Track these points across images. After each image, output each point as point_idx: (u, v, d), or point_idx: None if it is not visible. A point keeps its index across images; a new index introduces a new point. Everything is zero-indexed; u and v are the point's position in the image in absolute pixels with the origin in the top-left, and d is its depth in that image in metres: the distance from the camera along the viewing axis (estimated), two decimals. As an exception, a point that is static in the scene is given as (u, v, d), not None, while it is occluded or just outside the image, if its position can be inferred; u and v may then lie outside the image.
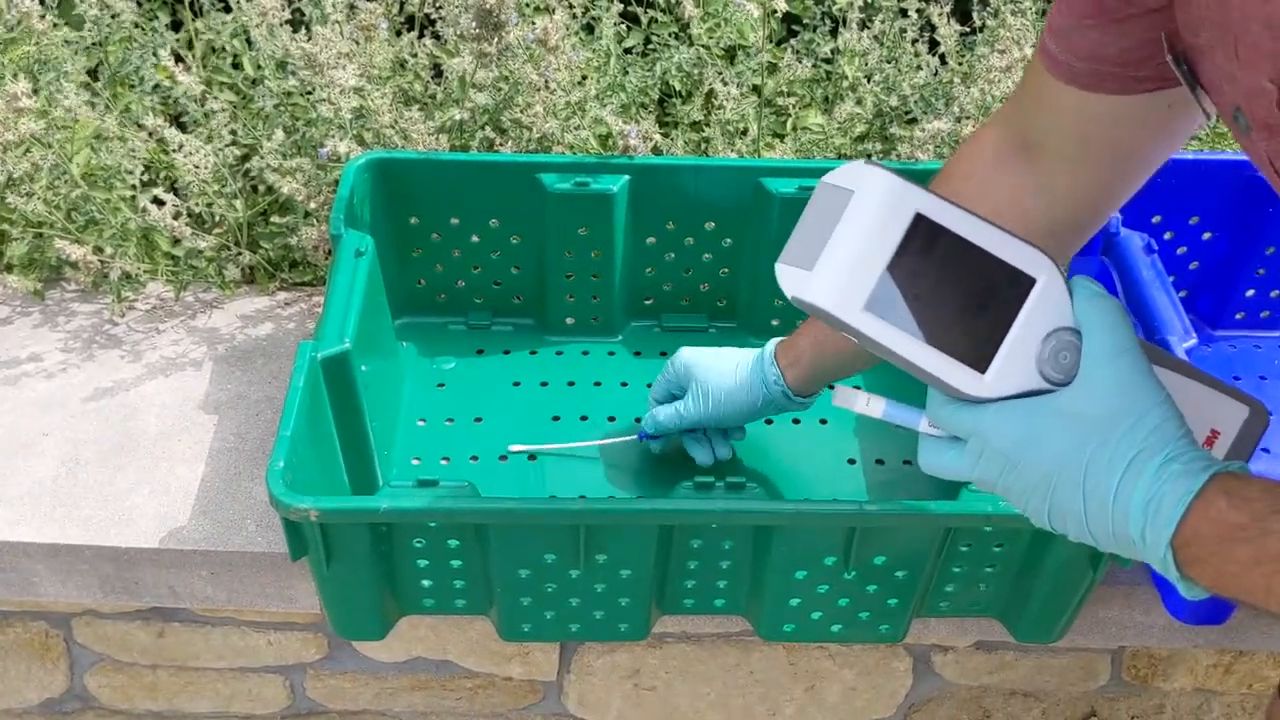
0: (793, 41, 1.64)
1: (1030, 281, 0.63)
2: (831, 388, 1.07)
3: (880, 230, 0.63)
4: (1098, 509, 0.63)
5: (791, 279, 0.64)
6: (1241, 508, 0.59)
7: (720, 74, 1.56)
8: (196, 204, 1.38)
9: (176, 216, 1.32)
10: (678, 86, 1.60)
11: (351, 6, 1.46)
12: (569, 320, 1.36)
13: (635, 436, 1.21)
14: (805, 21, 1.64)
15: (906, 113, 1.53)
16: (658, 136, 1.39)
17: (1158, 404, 0.62)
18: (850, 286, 0.63)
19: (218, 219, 1.40)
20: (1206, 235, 1.37)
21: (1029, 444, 0.63)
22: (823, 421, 1.29)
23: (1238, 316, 1.42)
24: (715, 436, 1.19)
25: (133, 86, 1.50)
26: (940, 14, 1.56)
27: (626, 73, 1.57)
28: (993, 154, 0.90)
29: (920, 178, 1.27)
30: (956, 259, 0.63)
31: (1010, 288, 0.63)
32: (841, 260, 0.63)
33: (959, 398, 0.65)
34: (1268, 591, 0.59)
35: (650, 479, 1.21)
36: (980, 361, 0.64)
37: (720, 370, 1.13)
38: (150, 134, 1.37)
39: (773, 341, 1.12)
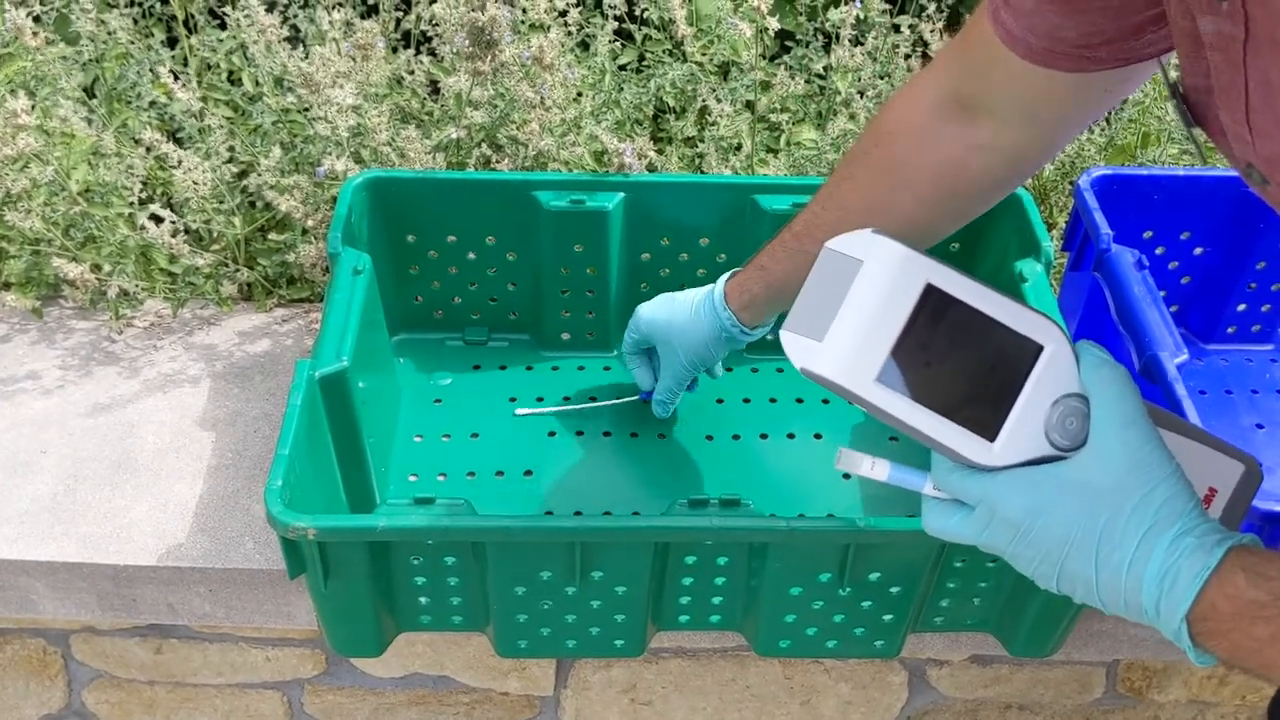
0: (786, 58, 1.65)
1: (1038, 349, 0.63)
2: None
3: (891, 301, 0.63)
4: (1110, 579, 0.63)
5: (800, 349, 0.64)
6: (1261, 586, 0.60)
7: (714, 90, 1.57)
8: (194, 221, 1.38)
9: (174, 234, 1.33)
10: (672, 103, 1.61)
11: (348, 24, 1.47)
12: (565, 336, 1.37)
13: (639, 397, 1.29)
14: (798, 38, 1.66)
15: (900, 128, 1.54)
16: (652, 153, 1.39)
17: (1168, 476, 0.63)
18: (862, 359, 0.63)
19: (215, 236, 1.41)
20: (1198, 250, 1.38)
21: (1039, 513, 0.64)
22: (817, 436, 1.29)
23: (1229, 330, 1.43)
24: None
25: (129, 103, 1.51)
26: (933, 30, 1.58)
27: (621, 89, 1.58)
28: (932, 112, 0.92)
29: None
30: (966, 328, 0.63)
31: (1018, 355, 0.63)
32: (852, 332, 0.63)
33: (968, 465, 0.65)
34: None
35: (645, 495, 1.22)
36: (989, 429, 0.64)
37: (680, 324, 1.17)
38: (148, 150, 1.37)
39: (720, 281, 1.14)
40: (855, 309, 0.63)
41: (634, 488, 1.23)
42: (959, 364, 0.64)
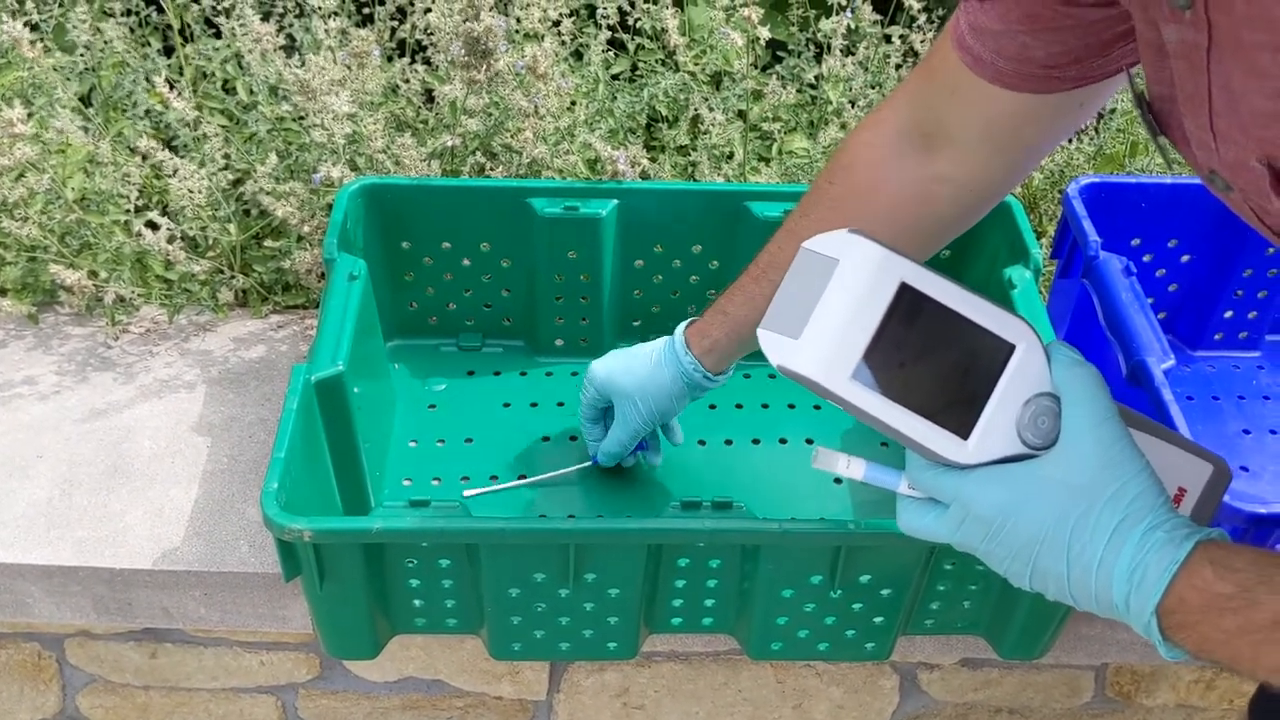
0: (778, 67, 1.66)
1: (1010, 348, 0.64)
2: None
3: (866, 300, 0.64)
4: (1081, 575, 0.64)
5: (777, 347, 0.64)
6: (1227, 578, 0.61)
7: (706, 100, 1.58)
8: (190, 228, 1.39)
9: (170, 241, 1.33)
10: (664, 112, 1.62)
11: (344, 33, 1.48)
12: (558, 342, 1.38)
13: (590, 463, 1.23)
14: (790, 48, 1.67)
15: (890, 137, 1.55)
16: (645, 161, 1.41)
17: (1138, 473, 0.64)
18: (837, 357, 0.64)
19: (211, 242, 1.42)
20: (1185, 258, 1.40)
21: (1012, 511, 0.64)
22: (808, 441, 1.30)
23: (1216, 337, 1.44)
24: (650, 436, 1.21)
25: (125, 111, 1.52)
26: (923, 40, 1.59)
27: (614, 98, 1.59)
28: (892, 146, 0.91)
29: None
30: (939, 327, 0.64)
31: (991, 355, 0.64)
32: (828, 330, 0.64)
33: (941, 463, 0.66)
34: (1254, 661, 0.60)
35: (638, 499, 1.23)
36: (962, 427, 0.65)
37: (639, 376, 1.13)
38: (144, 158, 1.38)
39: (680, 330, 1.12)
40: (831, 307, 0.64)
41: (627, 491, 1.24)
42: (933, 362, 0.65)
